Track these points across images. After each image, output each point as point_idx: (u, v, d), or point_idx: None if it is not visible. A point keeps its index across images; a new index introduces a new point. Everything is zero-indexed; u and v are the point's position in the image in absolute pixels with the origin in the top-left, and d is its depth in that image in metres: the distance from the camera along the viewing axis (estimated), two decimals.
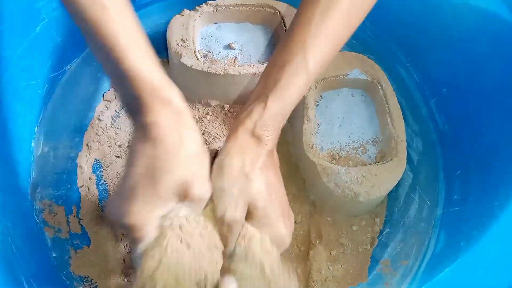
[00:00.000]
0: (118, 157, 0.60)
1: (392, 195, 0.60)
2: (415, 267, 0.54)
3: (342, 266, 0.55)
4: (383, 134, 0.59)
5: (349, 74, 0.61)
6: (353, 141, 0.59)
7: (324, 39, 0.41)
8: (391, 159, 0.55)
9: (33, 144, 0.57)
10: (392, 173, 0.54)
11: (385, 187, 0.53)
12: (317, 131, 0.59)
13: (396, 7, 0.62)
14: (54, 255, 0.53)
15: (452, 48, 0.58)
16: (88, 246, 0.55)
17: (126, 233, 0.38)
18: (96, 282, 0.53)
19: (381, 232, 0.58)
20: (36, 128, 0.58)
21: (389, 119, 0.58)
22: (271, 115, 0.41)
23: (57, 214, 0.55)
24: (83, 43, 0.63)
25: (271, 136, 0.41)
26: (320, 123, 0.60)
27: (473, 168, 0.55)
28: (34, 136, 0.57)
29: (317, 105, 0.61)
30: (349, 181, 0.53)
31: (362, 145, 0.58)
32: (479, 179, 0.53)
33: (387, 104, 0.58)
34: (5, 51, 0.51)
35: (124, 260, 0.54)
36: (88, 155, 0.60)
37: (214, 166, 0.40)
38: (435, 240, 0.55)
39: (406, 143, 0.56)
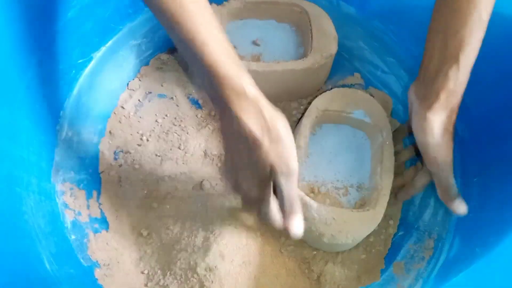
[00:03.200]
0: (139, 145, 0.60)
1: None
2: (428, 271, 0.55)
3: (355, 267, 0.56)
4: (369, 183, 0.57)
5: (353, 113, 0.58)
6: (337, 181, 0.57)
7: None
8: (368, 210, 0.51)
9: (57, 128, 0.58)
10: (363, 224, 0.51)
11: (352, 235, 0.50)
12: (305, 160, 0.57)
13: (420, 11, 0.62)
14: (73, 237, 0.54)
15: None
16: (107, 231, 0.55)
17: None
18: (112, 267, 0.53)
19: (395, 234, 0.58)
20: (61, 112, 0.59)
21: (379, 169, 0.55)
22: (466, 71, 0.46)
23: (78, 197, 0.56)
24: (111, 31, 0.65)
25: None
26: (311, 153, 0.58)
27: (491, 175, 0.55)
28: (59, 120, 0.59)
29: (313, 135, 0.59)
30: (317, 219, 0.50)
31: (345, 187, 0.57)
32: (497, 186, 0.53)
33: (382, 154, 0.56)
34: (36, 35, 0.52)
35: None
36: (110, 141, 0.61)
37: (418, 121, 0.48)
38: (449, 245, 0.55)
39: (388, 197, 0.53)
